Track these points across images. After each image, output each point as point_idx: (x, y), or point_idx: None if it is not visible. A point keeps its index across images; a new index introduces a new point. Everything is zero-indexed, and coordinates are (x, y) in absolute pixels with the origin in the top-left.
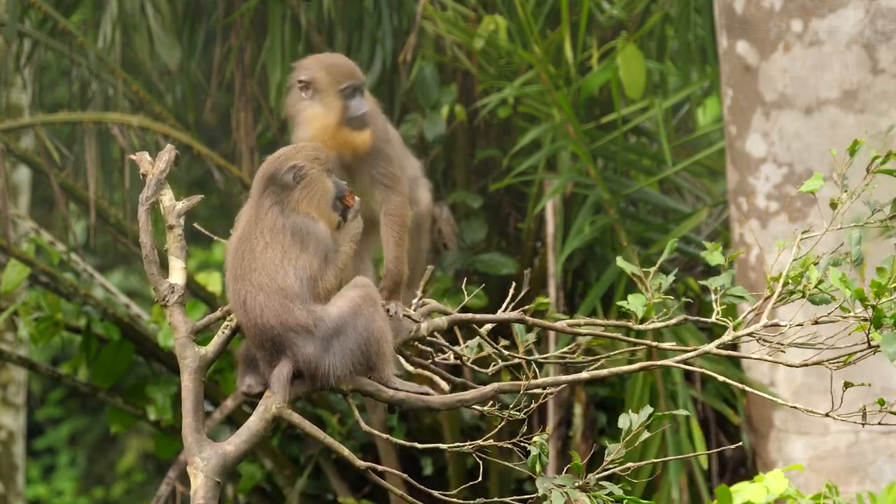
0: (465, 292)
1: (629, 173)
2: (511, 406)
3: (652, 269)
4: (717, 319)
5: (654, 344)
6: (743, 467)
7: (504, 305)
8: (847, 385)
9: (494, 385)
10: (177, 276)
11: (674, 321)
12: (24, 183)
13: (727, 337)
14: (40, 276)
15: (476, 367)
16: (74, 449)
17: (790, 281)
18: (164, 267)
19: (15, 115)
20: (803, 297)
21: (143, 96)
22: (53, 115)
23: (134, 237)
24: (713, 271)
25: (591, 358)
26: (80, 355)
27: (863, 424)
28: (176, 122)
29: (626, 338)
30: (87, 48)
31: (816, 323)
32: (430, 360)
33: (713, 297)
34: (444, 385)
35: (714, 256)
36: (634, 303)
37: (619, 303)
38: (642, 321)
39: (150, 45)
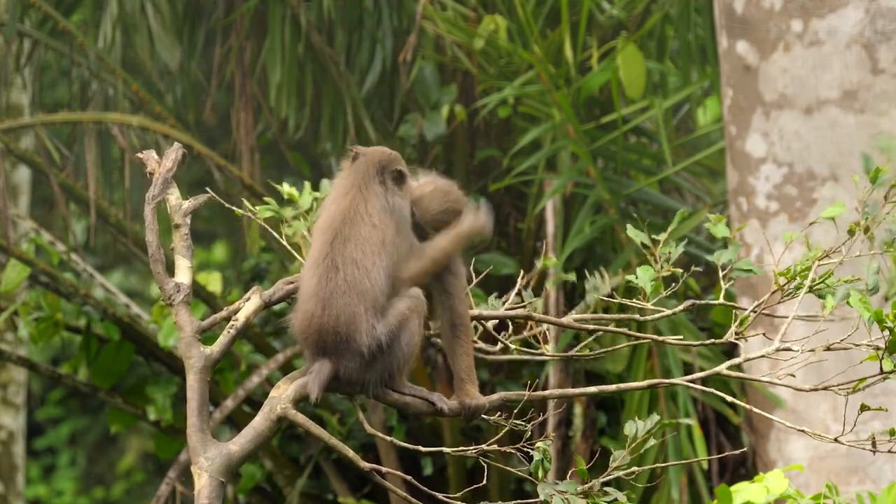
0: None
1: (629, 173)
2: (514, 411)
3: (662, 237)
4: (721, 307)
5: (657, 337)
6: (743, 467)
7: (505, 301)
8: (864, 408)
9: (500, 393)
10: (183, 275)
11: (681, 308)
12: (24, 183)
13: (739, 359)
14: (40, 276)
15: (480, 353)
16: (74, 449)
17: (797, 276)
18: (168, 266)
19: (15, 115)
20: (810, 291)
21: (143, 96)
22: (53, 115)
23: (134, 237)
24: (714, 272)
25: (594, 353)
26: (80, 355)
27: (874, 452)
28: (176, 122)
29: (629, 332)
30: (87, 48)
31: (829, 349)
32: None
33: (720, 273)
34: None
35: (719, 229)
36: (643, 276)
37: (628, 277)
38: (648, 300)
39: (150, 45)
